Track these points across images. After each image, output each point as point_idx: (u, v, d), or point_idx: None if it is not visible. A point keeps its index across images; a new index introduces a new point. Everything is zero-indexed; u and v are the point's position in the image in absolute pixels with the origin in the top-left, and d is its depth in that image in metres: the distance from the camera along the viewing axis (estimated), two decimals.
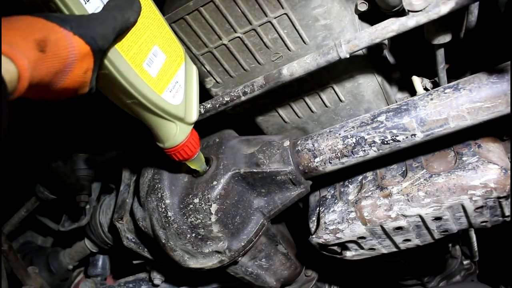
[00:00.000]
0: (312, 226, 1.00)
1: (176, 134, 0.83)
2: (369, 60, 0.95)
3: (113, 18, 0.62)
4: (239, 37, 0.92)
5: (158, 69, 0.76)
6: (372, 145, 0.86)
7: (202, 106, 0.97)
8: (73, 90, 0.59)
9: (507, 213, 0.86)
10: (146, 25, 0.73)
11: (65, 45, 0.53)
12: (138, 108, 0.76)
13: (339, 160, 0.90)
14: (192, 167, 0.93)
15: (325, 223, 0.95)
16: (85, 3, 0.63)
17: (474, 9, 0.81)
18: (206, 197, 0.92)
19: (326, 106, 1.03)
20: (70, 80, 0.57)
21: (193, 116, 0.86)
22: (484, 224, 0.90)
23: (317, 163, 0.92)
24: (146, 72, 0.73)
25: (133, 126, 1.17)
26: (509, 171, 0.82)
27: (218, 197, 0.92)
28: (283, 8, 0.86)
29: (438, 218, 0.88)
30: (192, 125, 0.87)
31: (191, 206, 0.94)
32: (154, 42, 0.76)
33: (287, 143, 0.95)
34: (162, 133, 0.83)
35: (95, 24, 0.58)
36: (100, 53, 0.60)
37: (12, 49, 0.47)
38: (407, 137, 0.84)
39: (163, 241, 0.98)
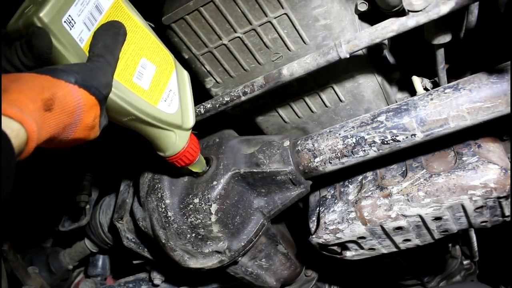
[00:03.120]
0: (312, 226, 1.00)
1: (176, 142, 0.83)
2: (369, 60, 0.95)
3: (109, 64, 0.62)
4: (239, 37, 0.92)
5: (149, 81, 0.75)
6: (372, 145, 0.86)
7: (202, 106, 0.97)
8: (84, 138, 0.61)
9: (507, 213, 0.86)
10: (129, 39, 0.72)
11: (72, 100, 0.55)
12: (135, 123, 0.76)
13: (339, 160, 0.90)
14: (194, 170, 0.93)
15: (325, 223, 0.95)
16: (70, 29, 0.62)
17: (474, 9, 0.81)
18: (206, 197, 0.92)
19: (326, 106, 1.03)
20: (80, 130, 0.59)
21: (190, 122, 0.85)
22: (484, 224, 0.90)
23: (317, 163, 0.92)
24: (138, 86, 0.72)
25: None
26: (509, 171, 0.82)
27: (218, 197, 0.92)
28: (283, 8, 0.86)
29: (438, 218, 0.88)
30: (190, 130, 0.87)
31: (191, 206, 0.94)
32: (140, 54, 0.74)
33: (287, 143, 0.95)
34: (162, 143, 0.83)
35: (98, 74, 0.59)
36: (105, 99, 0.62)
37: (22, 113, 0.48)
38: (407, 137, 0.84)
39: (163, 241, 0.98)
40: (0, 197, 0.43)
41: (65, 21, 0.61)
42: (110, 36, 0.65)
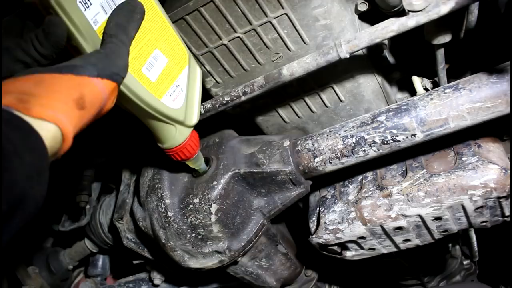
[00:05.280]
0: (312, 226, 1.00)
1: (175, 136, 0.83)
2: (369, 60, 0.95)
3: (123, 43, 0.62)
4: (239, 37, 0.92)
5: (158, 73, 0.75)
6: (372, 145, 0.86)
7: (202, 106, 0.97)
8: (100, 117, 0.62)
9: (507, 213, 0.86)
10: (147, 28, 0.72)
11: (98, 93, 0.56)
12: (137, 111, 0.76)
13: (339, 160, 0.90)
14: (191, 166, 0.93)
15: (325, 223, 0.95)
16: (85, 10, 0.62)
17: (474, 9, 0.81)
18: (206, 197, 0.92)
19: (326, 106, 1.03)
20: (101, 114, 0.60)
21: (194, 119, 0.85)
22: (484, 224, 0.90)
23: (317, 163, 0.92)
24: (145, 76, 0.72)
25: (133, 125, 1.17)
26: (509, 171, 0.82)
27: (218, 197, 0.92)
28: (283, 8, 0.86)
29: (438, 218, 0.88)
30: (192, 127, 0.87)
31: (191, 206, 0.94)
32: (155, 45, 0.74)
33: (287, 143, 0.95)
34: (161, 134, 0.83)
35: (115, 59, 0.60)
36: (122, 80, 0.63)
37: (56, 114, 0.49)
38: (407, 137, 0.84)
39: (163, 241, 0.98)
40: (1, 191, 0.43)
41: (80, 1, 0.61)
42: (123, 14, 0.64)
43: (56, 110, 0.49)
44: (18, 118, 0.46)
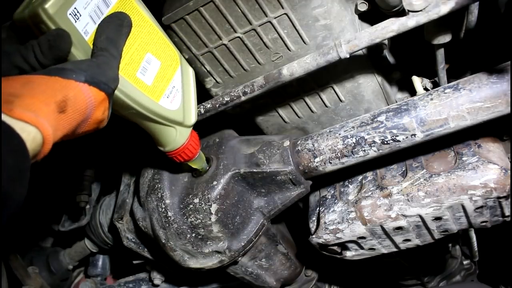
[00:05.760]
0: (312, 226, 1.00)
1: (176, 138, 0.83)
2: (369, 60, 0.95)
3: (114, 57, 0.62)
4: (239, 37, 0.91)
5: (153, 77, 0.75)
6: (372, 145, 0.86)
7: (202, 106, 0.97)
8: (93, 129, 0.62)
9: (507, 213, 0.86)
10: (135, 34, 0.72)
11: (83, 98, 0.56)
12: (136, 117, 0.76)
13: (339, 160, 0.90)
14: (194, 166, 0.93)
15: (325, 223, 0.95)
16: (75, 22, 0.62)
17: (474, 9, 0.81)
18: (206, 197, 0.92)
19: (326, 106, 1.03)
20: (90, 124, 0.60)
21: (192, 119, 0.85)
22: (484, 224, 0.90)
23: (317, 163, 0.92)
24: (141, 81, 0.72)
25: (133, 125, 1.17)
26: (509, 171, 0.82)
27: (218, 197, 0.92)
28: (283, 8, 0.86)
29: (438, 218, 0.88)
30: (192, 127, 0.87)
31: (191, 206, 0.94)
32: (146, 49, 0.75)
33: (287, 143, 0.95)
34: (162, 138, 0.83)
35: (105, 69, 0.60)
36: (113, 93, 0.62)
37: (37, 117, 0.49)
38: (407, 137, 0.84)
39: (163, 241, 0.98)
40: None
41: (70, 14, 0.61)
42: (113, 28, 0.64)
43: (36, 112, 0.49)
44: (2, 121, 0.46)
